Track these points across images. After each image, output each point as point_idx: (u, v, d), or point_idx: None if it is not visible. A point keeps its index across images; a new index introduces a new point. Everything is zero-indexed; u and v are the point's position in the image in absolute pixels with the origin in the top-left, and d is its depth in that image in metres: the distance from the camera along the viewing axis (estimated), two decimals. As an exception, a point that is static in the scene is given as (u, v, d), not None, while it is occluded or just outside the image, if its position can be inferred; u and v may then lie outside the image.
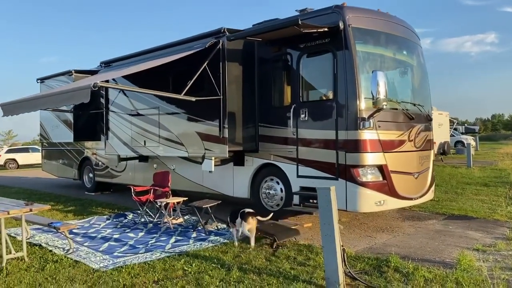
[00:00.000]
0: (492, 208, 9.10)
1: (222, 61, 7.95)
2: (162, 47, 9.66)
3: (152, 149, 9.82)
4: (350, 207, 6.81)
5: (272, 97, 8.15)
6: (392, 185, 6.91)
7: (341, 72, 6.89)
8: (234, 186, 8.72)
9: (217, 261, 5.59)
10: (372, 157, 6.79)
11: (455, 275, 4.81)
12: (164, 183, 8.57)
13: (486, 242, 6.42)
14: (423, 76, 8.40)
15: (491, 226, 7.46)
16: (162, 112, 9.50)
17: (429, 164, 7.96)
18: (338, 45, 6.91)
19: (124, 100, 10.64)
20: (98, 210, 9.87)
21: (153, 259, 5.77)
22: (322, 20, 7.06)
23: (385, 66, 7.58)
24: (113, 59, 11.46)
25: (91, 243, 6.77)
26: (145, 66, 8.28)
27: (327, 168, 7.12)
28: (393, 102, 7.42)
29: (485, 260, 5.48)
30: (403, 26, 7.94)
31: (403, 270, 5.08)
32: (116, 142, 10.95)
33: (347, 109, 6.83)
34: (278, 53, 7.97)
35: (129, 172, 11.53)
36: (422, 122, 7.80)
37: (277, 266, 5.35)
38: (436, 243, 6.40)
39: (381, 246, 6.34)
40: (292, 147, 7.63)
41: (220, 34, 8.08)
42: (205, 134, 8.39)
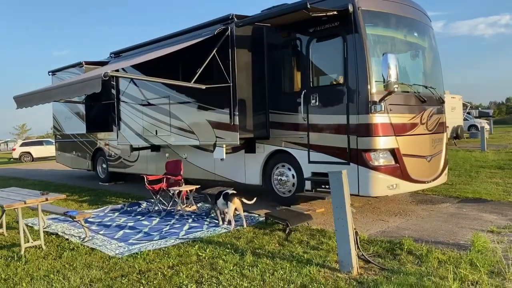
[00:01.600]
0: (507, 190, 9.01)
1: (231, 48, 7.93)
2: (171, 35, 9.65)
3: (163, 138, 9.88)
4: (363, 191, 6.80)
5: (282, 83, 8.11)
6: (404, 169, 6.87)
7: (351, 56, 6.83)
8: (246, 174, 8.75)
9: (231, 246, 5.64)
10: (384, 140, 6.75)
11: (470, 257, 4.79)
12: (176, 172, 8.63)
13: (501, 224, 6.37)
14: (435, 58, 8.27)
15: (505, 208, 7.39)
16: (172, 101, 9.53)
17: (442, 147, 7.88)
18: (348, 28, 6.84)
19: (134, 90, 10.69)
20: (112, 200, 10.00)
21: (167, 245, 5.84)
22: (331, 3, 6.98)
23: (396, 48, 7.48)
24: (123, 49, 11.50)
25: (106, 231, 6.87)
26: (154, 55, 8.29)
27: (339, 153, 7.10)
28: (405, 85, 7.33)
29: (499, 241, 5.45)
30: (413, 8, 7.81)
31: (416, 252, 5.07)
32: (128, 133, 11.04)
33: (358, 93, 6.78)
34: (287, 39, 7.92)
35: (141, 162, 11.63)
36: (434, 104, 7.71)
37: (290, 250, 5.38)
38: (450, 226, 6.37)
39: (394, 229, 6.33)
40: (303, 133, 7.62)
41: (229, 21, 8.04)
42: (216, 122, 8.41)
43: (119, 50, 11.63)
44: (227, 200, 6.72)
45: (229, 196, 6.74)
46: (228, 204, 6.70)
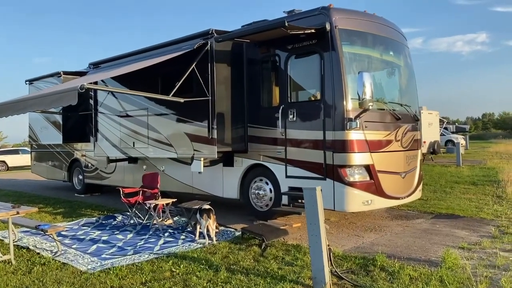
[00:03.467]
0: (479, 206, 9.21)
1: (210, 62, 7.97)
2: (150, 48, 9.64)
3: (141, 150, 9.80)
4: (338, 207, 6.86)
5: (261, 98, 8.18)
6: (379, 185, 6.97)
7: (328, 73, 6.94)
8: (224, 187, 8.74)
9: (205, 262, 5.61)
10: (359, 157, 6.85)
11: (440, 273, 4.87)
12: (153, 185, 8.56)
13: (472, 240, 6.50)
14: (410, 77, 8.48)
15: (477, 225, 7.56)
16: (151, 113, 9.50)
17: (416, 164, 8.04)
18: (325, 46, 6.97)
19: (113, 101, 10.61)
20: (87, 212, 9.83)
21: (141, 260, 5.77)
22: (309, 21, 7.11)
23: (372, 67, 7.66)
24: (102, 60, 11.42)
25: (79, 245, 6.75)
26: (133, 67, 8.27)
27: (315, 168, 7.16)
28: (380, 103, 7.49)
29: (469, 258, 5.56)
30: (389, 27, 8.01)
31: (389, 269, 5.13)
32: (105, 144, 10.92)
33: (334, 110, 6.88)
34: (266, 54, 8.01)
35: (118, 174, 11.49)
36: (409, 122, 7.88)
37: (265, 266, 5.38)
38: (423, 242, 6.47)
39: (369, 245, 6.39)
40: (280, 147, 7.67)
41: (208, 36, 8.09)
42: (194, 135, 8.40)
43: (98, 61, 11.54)
44: (201, 214, 6.70)
45: (203, 211, 6.72)
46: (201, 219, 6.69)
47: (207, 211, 6.71)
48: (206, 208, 6.83)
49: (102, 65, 11.36)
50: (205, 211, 6.71)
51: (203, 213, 6.69)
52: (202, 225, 6.68)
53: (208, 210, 6.74)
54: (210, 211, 6.75)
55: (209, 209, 6.78)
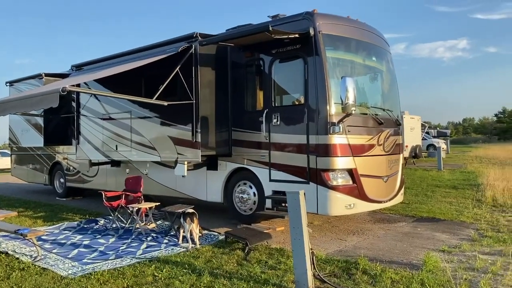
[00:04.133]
0: (459, 210, 9.37)
1: (194, 65, 7.95)
2: (134, 50, 9.58)
3: (124, 153, 9.71)
4: (321, 211, 6.91)
5: (245, 102, 8.19)
6: (361, 189, 7.04)
7: (312, 77, 7.00)
8: (208, 191, 8.71)
9: (188, 266, 5.58)
10: (342, 161, 6.91)
11: (421, 276, 4.95)
12: (136, 188, 8.49)
13: (452, 243, 6.61)
14: (392, 82, 8.60)
15: (457, 228, 7.69)
16: (134, 116, 9.42)
17: (398, 168, 8.14)
18: (309, 51, 7.02)
19: (95, 104, 10.50)
20: (68, 216, 9.69)
21: (123, 265, 5.71)
22: (293, 26, 7.16)
23: (355, 72, 7.74)
24: (85, 63, 11.30)
25: (60, 250, 6.64)
26: (116, 70, 8.20)
27: (299, 172, 7.20)
28: (363, 108, 7.58)
29: (449, 261, 5.66)
30: (372, 33, 8.12)
31: (371, 272, 5.18)
32: (87, 147, 10.79)
33: (318, 114, 6.93)
34: (251, 58, 8.03)
35: (101, 177, 11.36)
36: (391, 126, 7.99)
37: (248, 270, 5.38)
38: (404, 245, 6.55)
39: (351, 248, 6.45)
40: (264, 151, 7.69)
41: (193, 39, 8.08)
42: (177, 138, 8.36)
43: (81, 63, 11.42)
44: (185, 218, 6.67)
45: (186, 215, 6.70)
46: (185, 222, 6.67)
47: (190, 215, 6.69)
48: (189, 212, 6.81)
49: (85, 67, 11.24)
50: (188, 215, 6.69)
51: (187, 217, 6.67)
52: (186, 229, 6.66)
53: (191, 214, 6.72)
54: (194, 215, 6.73)
55: (192, 213, 6.76)
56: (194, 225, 6.62)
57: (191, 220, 6.62)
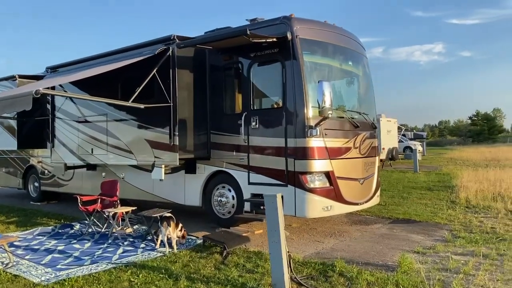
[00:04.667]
0: (434, 211, 9.57)
1: (172, 68, 7.90)
2: (111, 52, 9.46)
3: (100, 157, 9.57)
4: (299, 213, 6.95)
5: (223, 105, 8.18)
6: (338, 191, 7.11)
7: (290, 81, 7.05)
8: (186, 194, 8.66)
9: (165, 271, 5.53)
10: (320, 164, 6.97)
11: (396, 278, 5.02)
12: (112, 192, 8.36)
13: (426, 244, 6.74)
14: (368, 86, 8.73)
15: (432, 229, 7.84)
16: (110, 119, 9.30)
17: (374, 170, 8.26)
18: (286, 55, 7.07)
19: (71, 106, 10.31)
20: (43, 221, 9.47)
21: (98, 270, 5.62)
22: (271, 30, 7.20)
23: (332, 76, 7.84)
24: (60, 64, 11.09)
25: (33, 256, 6.49)
26: (92, 72, 8.08)
27: (277, 175, 7.23)
28: (339, 111, 7.67)
29: (424, 262, 5.77)
30: (349, 38, 8.23)
31: (347, 274, 5.24)
32: (62, 150, 10.59)
33: (296, 118, 6.98)
34: (229, 61, 8.03)
35: (76, 181, 11.15)
36: (367, 130, 8.10)
37: (225, 274, 5.36)
38: (380, 247, 6.65)
39: (329, 250, 6.50)
40: (243, 154, 7.69)
41: (170, 41, 8.03)
42: (155, 141, 8.28)
43: (56, 65, 11.20)
44: (161, 222, 6.63)
45: (163, 219, 6.65)
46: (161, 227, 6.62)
47: (167, 219, 6.63)
48: (166, 216, 6.75)
49: (60, 69, 11.03)
50: (165, 219, 6.63)
51: (163, 221, 6.61)
52: (162, 233, 6.60)
53: (168, 218, 6.66)
54: (171, 219, 6.67)
55: (169, 217, 6.70)
56: (171, 229, 6.57)
57: (167, 224, 6.56)
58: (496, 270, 5.36)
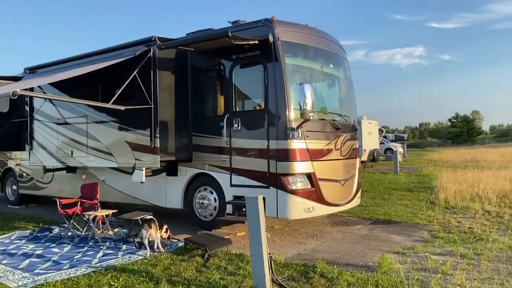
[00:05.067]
0: (414, 212, 9.71)
1: (153, 69, 7.84)
2: (91, 54, 9.33)
3: (79, 159, 9.43)
4: (281, 215, 6.97)
5: (205, 107, 8.16)
6: (320, 192, 7.16)
7: (272, 83, 7.07)
8: (167, 197, 8.60)
9: (146, 274, 5.48)
10: (301, 165, 7.01)
11: (376, 278, 5.08)
12: (92, 195, 8.26)
13: (406, 245, 6.83)
14: (349, 89, 8.82)
15: (411, 230, 7.96)
16: (90, 121, 9.17)
17: (355, 172, 8.34)
18: (268, 57, 7.09)
19: (50, 108, 10.14)
20: (21, 225, 9.27)
21: (77, 274, 5.53)
22: (252, 32, 7.22)
23: (313, 78, 7.90)
24: (39, 65, 10.88)
25: (10, 261, 6.35)
26: (72, 73, 7.97)
27: (259, 176, 7.24)
28: (321, 113, 7.73)
29: (403, 262, 5.85)
30: (330, 41, 8.31)
31: (328, 275, 5.27)
32: (41, 152, 10.41)
33: (278, 120, 7.01)
34: (211, 63, 8.02)
35: (56, 184, 10.97)
36: (348, 132, 8.18)
37: (207, 277, 5.34)
38: (361, 248, 6.71)
39: (310, 252, 6.54)
40: (225, 156, 7.68)
41: (151, 43, 7.96)
42: (135, 143, 8.21)
43: (35, 66, 10.99)
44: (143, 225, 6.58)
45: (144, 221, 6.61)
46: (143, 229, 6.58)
47: (148, 222, 6.58)
48: (147, 218, 6.70)
49: (39, 70, 10.82)
50: (146, 222, 6.58)
51: (144, 224, 6.55)
52: (143, 235, 6.54)
53: (149, 221, 6.62)
54: (152, 221, 6.62)
55: (150, 219, 6.66)
56: (153, 231, 6.52)
57: (148, 226, 6.51)
58: (473, 269, 5.47)
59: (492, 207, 9.87)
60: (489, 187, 12.38)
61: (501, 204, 10.12)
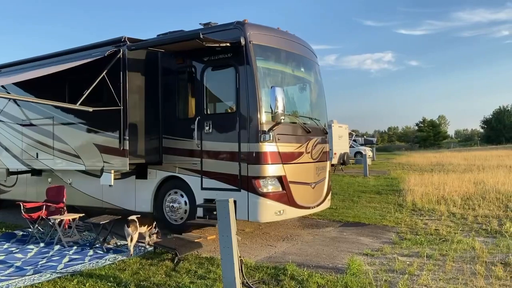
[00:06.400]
0: (382, 214, 9.90)
1: (122, 70, 7.71)
2: (59, 53, 9.08)
3: (45, 162, 9.16)
4: (252, 217, 6.96)
5: (176, 109, 8.08)
6: (291, 195, 7.20)
7: (243, 86, 7.06)
8: (136, 200, 8.45)
9: (114, 279, 5.35)
10: (272, 168, 7.03)
11: (345, 280, 5.14)
12: (58, 199, 8.02)
13: (375, 246, 6.95)
14: (320, 92, 8.93)
15: (380, 232, 8.10)
16: (56, 122, 8.92)
17: (325, 175, 8.44)
18: (240, 60, 7.09)
19: (14, 108, 9.82)
20: (-19, 230, 8.91)
21: (41, 281, 5.35)
22: (224, 35, 7.20)
23: (285, 82, 7.95)
24: (3, 64, 10.52)
25: (-31, 268, 6.09)
26: (38, 73, 7.73)
27: (230, 179, 7.21)
28: (292, 116, 7.78)
29: (372, 264, 5.94)
30: (301, 45, 8.39)
31: (298, 277, 5.29)
32: (4, 155, 10.05)
33: (249, 122, 7.01)
34: (182, 65, 7.95)
35: (20, 187, 10.59)
36: (319, 135, 8.27)
37: (176, 281, 5.27)
38: (331, 250, 6.79)
39: (281, 254, 6.56)
40: (196, 159, 7.61)
41: (121, 43, 7.83)
42: (104, 146, 8.04)
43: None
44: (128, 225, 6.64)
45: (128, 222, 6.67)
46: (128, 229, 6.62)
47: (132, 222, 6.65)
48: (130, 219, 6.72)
49: (2, 69, 10.46)
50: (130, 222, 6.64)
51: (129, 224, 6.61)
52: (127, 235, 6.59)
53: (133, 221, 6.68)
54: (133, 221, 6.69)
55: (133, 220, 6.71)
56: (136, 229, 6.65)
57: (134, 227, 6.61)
58: (438, 270, 5.61)
59: (457, 209, 10.16)
60: (454, 189, 12.77)
61: (465, 207, 10.44)
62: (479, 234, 7.71)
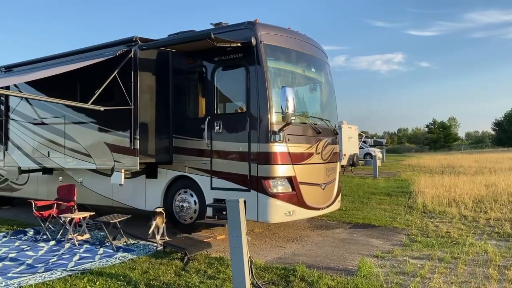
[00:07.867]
0: (392, 216, 9.82)
1: (133, 70, 7.75)
2: (70, 53, 9.16)
3: (56, 160, 9.23)
4: (261, 218, 6.95)
5: (187, 109, 8.10)
6: (300, 196, 7.17)
7: (254, 86, 7.05)
8: (146, 200, 8.47)
9: (124, 278, 5.37)
10: (282, 169, 7.01)
11: (355, 282, 5.10)
12: (69, 197, 8.08)
13: (385, 248, 6.89)
14: (330, 93, 8.88)
15: (390, 234, 8.03)
16: (68, 121, 9.00)
17: (335, 176, 8.39)
18: (251, 60, 7.08)
19: (26, 107, 9.91)
20: (-7, 227, 9.01)
21: (52, 278, 5.39)
22: (235, 35, 7.19)
23: (295, 82, 7.93)
24: (16, 64, 10.64)
25: (-19, 264, 6.15)
26: (50, 72, 7.79)
27: (240, 180, 7.20)
28: (302, 117, 7.76)
29: (382, 266, 5.89)
30: (312, 45, 8.35)
31: (308, 279, 5.27)
32: (16, 153, 10.15)
33: (259, 123, 6.99)
34: (193, 65, 7.96)
35: (31, 185, 10.69)
36: (329, 136, 8.23)
37: (186, 280, 5.27)
38: (341, 251, 6.74)
39: (290, 255, 6.53)
40: (206, 159, 7.62)
41: (132, 43, 7.88)
42: (114, 145, 8.08)
43: (11, 64, 10.73)
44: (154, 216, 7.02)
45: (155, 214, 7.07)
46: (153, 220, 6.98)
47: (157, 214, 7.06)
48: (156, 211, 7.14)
49: (15, 68, 10.58)
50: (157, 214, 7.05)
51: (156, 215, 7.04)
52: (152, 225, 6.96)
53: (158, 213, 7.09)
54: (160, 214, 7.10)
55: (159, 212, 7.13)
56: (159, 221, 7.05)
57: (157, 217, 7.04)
58: (450, 273, 5.54)
59: (468, 211, 10.05)
60: (465, 192, 12.63)
61: (476, 209, 10.32)
62: (492, 237, 7.62)
